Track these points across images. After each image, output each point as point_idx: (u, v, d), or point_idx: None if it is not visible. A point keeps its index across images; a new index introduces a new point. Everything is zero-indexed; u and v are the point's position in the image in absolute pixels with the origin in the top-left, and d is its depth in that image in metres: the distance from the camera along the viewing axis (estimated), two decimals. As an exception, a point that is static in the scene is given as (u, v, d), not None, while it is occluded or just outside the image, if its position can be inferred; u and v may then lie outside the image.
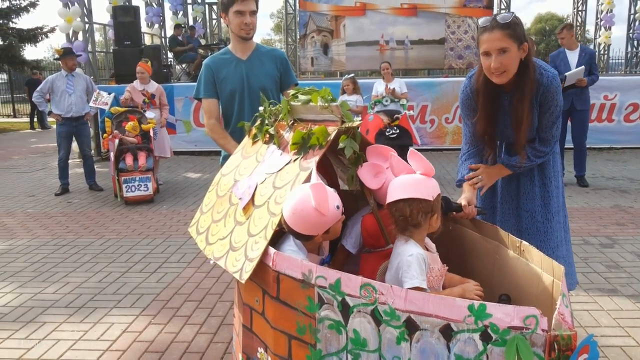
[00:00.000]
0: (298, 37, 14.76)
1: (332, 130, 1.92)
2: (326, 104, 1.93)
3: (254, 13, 2.87)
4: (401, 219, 1.85)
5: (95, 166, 7.71)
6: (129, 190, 6.55)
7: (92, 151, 8.11)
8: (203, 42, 15.01)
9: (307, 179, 1.84)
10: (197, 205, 6.38)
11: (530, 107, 2.31)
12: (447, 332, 1.50)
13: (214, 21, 17.53)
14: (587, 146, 7.03)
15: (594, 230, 5.04)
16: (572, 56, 6.64)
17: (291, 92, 2.18)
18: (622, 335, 3.07)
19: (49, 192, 7.38)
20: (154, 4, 14.22)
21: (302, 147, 1.98)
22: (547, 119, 2.38)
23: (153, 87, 7.43)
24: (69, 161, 7.43)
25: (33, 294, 3.90)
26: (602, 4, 14.90)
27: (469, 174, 2.48)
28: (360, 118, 2.22)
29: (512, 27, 2.17)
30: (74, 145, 7.60)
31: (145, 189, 6.62)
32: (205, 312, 3.54)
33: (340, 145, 1.91)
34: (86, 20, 10.66)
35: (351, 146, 1.90)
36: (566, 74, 6.34)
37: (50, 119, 14.47)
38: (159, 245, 4.96)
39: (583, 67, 6.47)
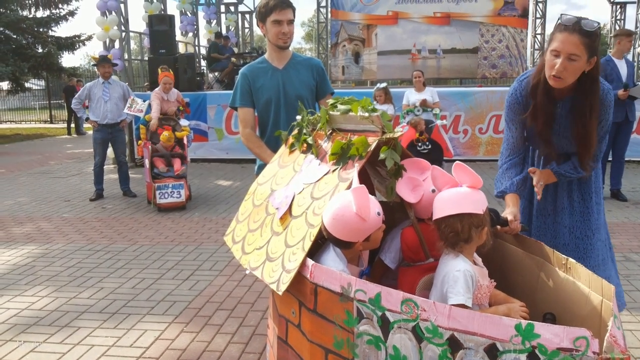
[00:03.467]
0: (329, 45, 14.79)
1: (373, 140, 1.89)
2: (367, 114, 1.90)
3: (291, 22, 2.87)
4: (452, 235, 1.80)
5: (129, 172, 7.82)
6: (162, 197, 6.62)
7: (127, 158, 8.24)
8: (235, 50, 15.17)
9: (347, 189, 1.81)
10: (229, 213, 6.44)
11: (597, 117, 2.23)
12: (492, 352, 1.45)
13: (247, 30, 17.73)
14: (626, 159, 6.83)
15: (635, 247, 4.87)
16: (621, 65, 6.44)
17: (330, 101, 2.16)
18: (669, 357, 2.94)
19: (84, 198, 7.52)
20: (188, 13, 14.46)
21: (342, 157, 1.96)
22: (597, 132, 2.29)
23: (173, 94, 7.47)
24: (104, 167, 7.57)
25: (68, 299, 3.95)
26: (641, 12, 14.52)
27: (534, 180, 2.37)
28: None
29: (592, 38, 2.08)
30: (109, 151, 7.72)
31: (178, 195, 6.68)
32: (237, 321, 3.53)
33: (381, 156, 1.87)
34: (123, 28, 10.89)
35: (392, 157, 1.87)
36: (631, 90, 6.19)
37: (86, 125, 14.78)
38: (191, 253, 4.98)
39: None
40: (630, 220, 5.77)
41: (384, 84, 7.96)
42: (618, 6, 15.93)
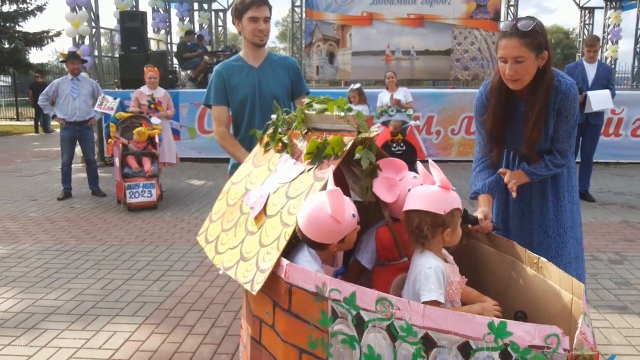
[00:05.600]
0: (304, 45, 14.77)
1: (348, 140, 1.89)
2: (342, 114, 1.89)
3: (267, 20, 2.85)
4: (410, 229, 1.84)
5: (98, 171, 7.67)
6: (132, 196, 6.51)
7: (96, 156, 8.08)
8: (209, 48, 15.04)
9: (322, 189, 1.81)
10: (201, 212, 6.37)
11: (542, 110, 2.28)
12: (466, 350, 1.45)
13: (220, 28, 17.59)
14: (594, 160, 7.00)
15: (602, 246, 4.99)
16: (591, 69, 6.60)
17: (305, 100, 2.15)
18: (634, 354, 3.00)
19: (51, 197, 7.35)
20: (160, 9, 14.29)
21: (317, 156, 1.95)
22: (564, 127, 2.34)
23: (160, 93, 7.43)
24: (72, 166, 7.40)
25: (34, 300, 3.85)
26: (609, 17, 14.93)
27: (505, 178, 2.41)
28: None
29: (532, 36, 2.13)
30: (77, 149, 7.57)
31: (149, 195, 6.58)
32: (209, 322, 3.49)
33: (357, 156, 1.87)
34: (93, 24, 10.69)
35: (368, 157, 1.87)
36: (589, 93, 6.32)
37: (54, 123, 14.45)
38: (162, 253, 4.91)
39: (610, 100, 6.44)
40: (598, 220, 5.91)
41: (357, 85, 7.99)
42: (587, 11, 16.34)
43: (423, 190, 1.85)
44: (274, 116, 2.30)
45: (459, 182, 7.82)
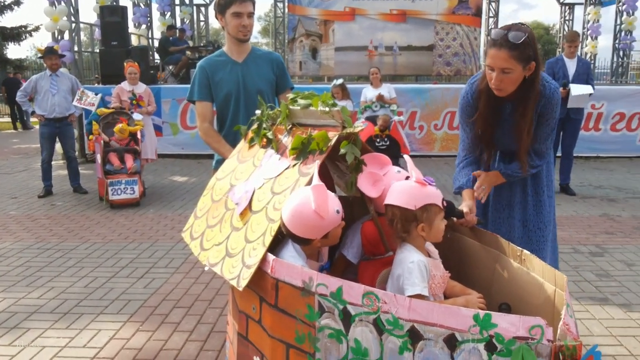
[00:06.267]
0: (286, 41, 14.72)
1: (333, 135, 1.89)
2: (327, 109, 1.89)
3: (251, 15, 2.84)
4: (389, 223, 1.88)
5: (79, 168, 7.58)
6: (115, 193, 6.44)
7: (77, 153, 7.97)
8: (191, 43, 14.91)
9: (308, 185, 1.81)
10: (185, 209, 6.33)
11: (533, 120, 2.30)
12: (452, 342, 1.47)
13: (202, 23, 17.44)
14: (574, 155, 7.10)
15: (583, 239, 5.06)
16: (571, 65, 6.70)
17: (290, 96, 2.14)
18: (614, 345, 3.07)
19: (32, 194, 7.24)
20: (141, 4, 14.11)
21: (302, 152, 1.95)
22: (543, 130, 2.37)
23: (141, 88, 7.36)
24: (53, 163, 7.30)
25: (16, 299, 3.80)
26: (588, 14, 15.10)
27: (475, 184, 2.44)
28: None
29: (522, 49, 2.11)
30: (58, 146, 7.47)
31: (132, 192, 6.52)
32: (194, 319, 3.48)
33: (342, 151, 1.88)
34: (72, 19, 10.53)
35: (353, 152, 1.87)
36: (571, 86, 6.40)
37: (33, 119, 14.23)
38: (146, 250, 4.88)
39: (590, 87, 6.53)
40: (579, 214, 6.00)
41: (340, 80, 8.00)
42: (567, 7, 16.53)
43: (398, 185, 1.89)
44: (258, 111, 2.30)
45: (442, 177, 7.87)
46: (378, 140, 7.04)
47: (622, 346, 3.05)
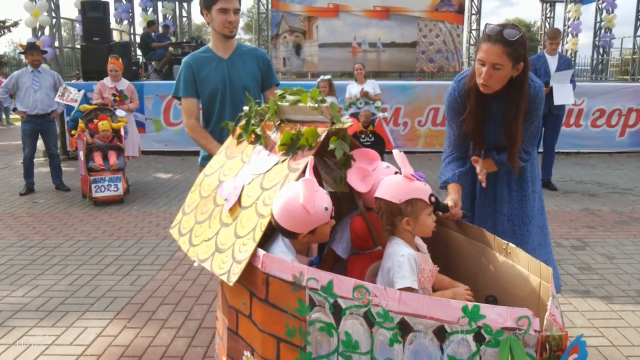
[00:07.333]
0: (270, 37, 14.69)
1: (322, 131, 1.91)
2: (316, 105, 1.90)
3: (237, 11, 2.83)
4: (378, 216, 1.92)
5: (61, 165, 7.49)
6: (98, 190, 6.38)
7: (59, 150, 7.88)
8: (173, 39, 14.80)
9: (298, 180, 1.82)
10: (169, 206, 6.30)
11: (523, 121, 2.34)
12: (441, 334, 1.50)
13: (184, 19, 17.32)
14: (556, 150, 7.20)
15: (565, 233, 5.15)
16: (552, 61, 6.79)
17: (278, 92, 2.15)
18: (597, 336, 3.14)
19: (13, 192, 7.14)
20: (123, 0, 13.96)
21: (291, 148, 1.96)
22: (528, 128, 2.41)
23: (124, 84, 7.30)
24: (34, 160, 7.21)
25: (0, 298, 3.76)
26: (569, 11, 15.31)
27: (477, 168, 2.45)
28: None
29: (515, 46, 2.15)
30: (39, 143, 7.37)
31: (115, 189, 6.46)
32: (182, 315, 3.48)
33: (331, 146, 1.89)
34: (53, 14, 10.39)
35: (342, 147, 1.88)
36: (553, 83, 6.48)
37: (13, 116, 14.01)
38: (131, 247, 4.85)
39: (571, 86, 6.64)
40: (560, 209, 6.09)
41: (328, 76, 8.01)
42: (548, 4, 16.73)
43: (387, 179, 1.92)
44: (246, 108, 2.30)
45: (426, 172, 7.93)
46: (363, 136, 7.07)
47: (604, 337, 3.12)
